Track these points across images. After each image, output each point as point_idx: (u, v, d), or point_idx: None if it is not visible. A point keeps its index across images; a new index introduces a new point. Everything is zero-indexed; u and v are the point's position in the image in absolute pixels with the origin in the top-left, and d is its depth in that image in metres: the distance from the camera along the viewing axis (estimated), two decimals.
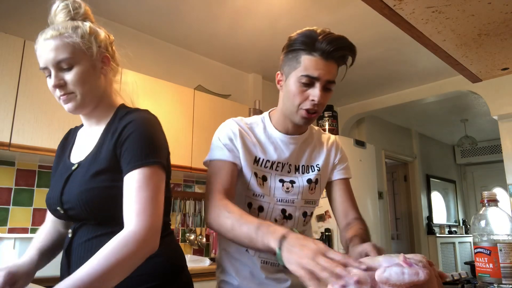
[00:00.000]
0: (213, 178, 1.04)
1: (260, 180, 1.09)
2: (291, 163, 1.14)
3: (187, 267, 1.05)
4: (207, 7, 2.74)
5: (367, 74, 3.90)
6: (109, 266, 0.76)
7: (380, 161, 4.92)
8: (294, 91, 1.03)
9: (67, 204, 0.93)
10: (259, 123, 1.15)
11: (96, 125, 1.01)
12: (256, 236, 0.82)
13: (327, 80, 1.01)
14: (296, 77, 1.02)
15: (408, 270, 0.59)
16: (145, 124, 0.92)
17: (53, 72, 0.93)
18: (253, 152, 1.10)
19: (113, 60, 1.03)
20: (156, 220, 0.84)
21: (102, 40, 0.99)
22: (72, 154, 1.03)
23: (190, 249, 3.13)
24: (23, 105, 2.13)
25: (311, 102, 1.02)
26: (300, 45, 1.02)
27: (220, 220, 0.94)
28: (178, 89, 2.90)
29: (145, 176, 0.86)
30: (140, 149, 0.88)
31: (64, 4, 0.97)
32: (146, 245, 0.81)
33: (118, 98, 1.06)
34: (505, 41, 1.22)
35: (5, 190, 2.33)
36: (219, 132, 1.12)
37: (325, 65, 1.00)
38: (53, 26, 0.94)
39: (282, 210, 1.11)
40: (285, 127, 1.13)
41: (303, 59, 1.01)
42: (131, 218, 0.82)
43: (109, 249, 0.78)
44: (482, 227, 0.90)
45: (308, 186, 1.14)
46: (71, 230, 0.97)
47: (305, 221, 1.16)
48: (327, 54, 0.99)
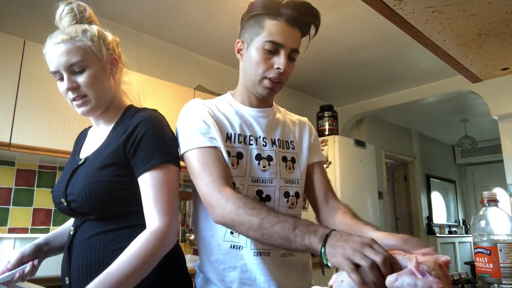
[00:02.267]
0: (203, 168, 0.92)
1: (233, 159, 0.98)
2: (264, 136, 1.04)
3: (187, 267, 1.05)
4: (207, 7, 2.74)
5: (367, 74, 3.90)
6: (137, 263, 0.80)
7: (380, 161, 4.92)
8: (257, 58, 0.96)
9: (71, 196, 0.94)
10: (223, 100, 1.08)
11: (105, 124, 1.04)
12: (294, 236, 0.76)
13: (292, 48, 0.96)
14: (259, 44, 0.96)
15: (421, 283, 0.57)
16: (156, 124, 0.95)
17: (66, 76, 0.94)
18: (224, 128, 1.00)
19: (120, 61, 1.06)
20: (176, 218, 0.89)
21: (110, 42, 1.02)
22: (81, 151, 1.07)
23: (190, 249, 3.13)
24: (23, 105, 2.12)
25: (276, 70, 0.96)
26: (263, 9, 0.96)
27: (241, 218, 0.83)
28: (178, 89, 2.90)
29: (161, 176, 0.90)
30: (154, 150, 0.92)
31: (69, 8, 0.98)
32: (169, 241, 0.86)
33: (125, 98, 1.09)
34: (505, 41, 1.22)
35: (5, 190, 2.33)
36: (186, 117, 1.01)
37: (290, 32, 0.95)
38: (62, 30, 0.95)
39: (258, 192, 1.00)
40: (250, 101, 1.06)
41: (267, 24, 0.95)
42: (154, 216, 0.86)
43: (137, 247, 0.82)
44: (482, 227, 0.90)
45: (284, 164, 1.05)
46: (73, 227, 0.98)
47: (290, 203, 1.04)
48: (292, 19, 0.94)
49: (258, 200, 0.95)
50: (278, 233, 0.78)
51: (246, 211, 0.83)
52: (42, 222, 2.43)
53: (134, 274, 0.79)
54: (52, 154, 2.20)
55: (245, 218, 0.83)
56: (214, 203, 0.89)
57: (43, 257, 1.09)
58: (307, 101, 4.54)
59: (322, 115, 4.08)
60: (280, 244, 0.80)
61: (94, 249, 0.91)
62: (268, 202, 1.00)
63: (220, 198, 0.88)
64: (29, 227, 2.38)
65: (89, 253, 0.91)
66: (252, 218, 0.82)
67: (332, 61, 3.62)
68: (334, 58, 3.55)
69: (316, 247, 0.73)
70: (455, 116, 5.49)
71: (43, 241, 1.09)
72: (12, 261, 1.01)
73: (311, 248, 0.74)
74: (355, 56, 3.50)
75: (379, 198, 4.29)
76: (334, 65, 3.69)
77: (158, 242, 0.83)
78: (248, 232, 0.84)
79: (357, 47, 3.33)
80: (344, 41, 3.23)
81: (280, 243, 0.79)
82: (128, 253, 0.81)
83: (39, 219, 2.41)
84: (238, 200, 0.85)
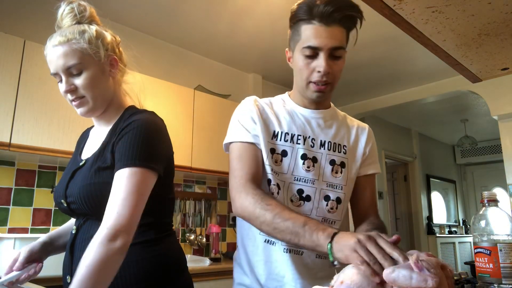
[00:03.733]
0: (237, 162, 0.99)
1: (277, 156, 1.02)
2: (314, 137, 1.05)
3: (188, 268, 1.06)
4: (207, 7, 2.74)
5: (367, 74, 3.90)
6: (89, 274, 0.76)
7: (380, 161, 4.92)
8: (299, 65, 0.98)
9: (70, 197, 0.95)
10: (278, 100, 1.11)
11: (106, 125, 1.04)
12: (304, 231, 0.79)
13: (331, 47, 0.95)
14: (299, 50, 0.97)
15: (417, 276, 0.57)
16: (144, 126, 0.93)
17: (64, 78, 0.95)
18: (271, 127, 1.04)
19: (121, 61, 1.05)
20: (124, 220, 0.82)
21: (109, 43, 1.01)
22: (83, 152, 1.07)
23: (190, 249, 3.13)
24: (23, 105, 2.13)
25: (318, 74, 0.96)
26: (298, 16, 0.96)
27: (256, 211, 0.88)
28: (178, 89, 2.90)
29: (128, 176, 0.86)
30: (131, 150, 0.89)
31: (69, 8, 0.98)
32: (117, 242, 0.80)
33: (127, 98, 1.09)
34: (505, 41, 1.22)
35: (5, 190, 2.33)
36: (237, 111, 1.07)
37: (326, 31, 0.93)
38: (61, 31, 0.95)
39: (299, 190, 1.02)
40: (303, 103, 1.07)
41: (303, 29, 0.95)
42: (106, 215, 0.83)
43: (88, 252, 0.78)
44: (482, 227, 0.90)
45: (331, 168, 1.05)
46: (75, 226, 0.98)
47: (330, 207, 1.04)
48: (326, 17, 0.92)
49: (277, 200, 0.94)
50: (289, 228, 0.81)
51: (262, 206, 0.87)
52: (42, 222, 2.43)
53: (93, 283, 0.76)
54: (52, 154, 2.20)
55: (260, 213, 0.87)
56: (236, 196, 0.94)
57: (47, 256, 1.09)
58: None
59: None
60: (290, 239, 0.82)
61: None
62: (307, 202, 1.02)
63: (241, 191, 0.93)
64: (29, 227, 2.38)
65: None
66: (266, 213, 0.86)
67: None
68: None
69: (323, 243, 0.75)
70: (455, 116, 5.49)
71: (47, 239, 1.09)
72: (20, 259, 1.01)
73: (319, 244, 0.76)
74: (355, 56, 3.50)
75: (379, 198, 4.29)
76: None
77: (103, 255, 0.78)
78: (262, 225, 0.87)
79: (357, 47, 3.32)
80: None
81: (290, 238, 0.82)
82: (76, 276, 0.76)
83: (39, 219, 2.41)
84: (257, 196, 0.90)
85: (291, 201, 1.01)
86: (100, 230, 0.81)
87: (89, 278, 0.75)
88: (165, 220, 1.03)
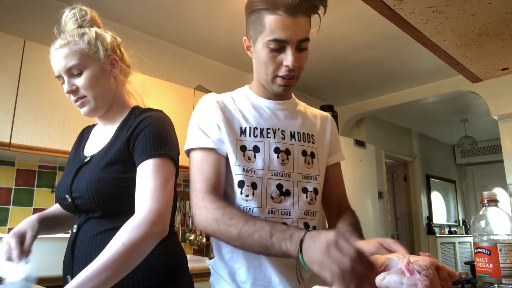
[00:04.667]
0: (197, 173, 0.93)
1: (250, 152, 0.96)
2: (284, 129, 1.01)
3: (188, 268, 1.06)
4: (207, 7, 2.74)
5: (367, 74, 3.90)
6: (126, 249, 0.78)
7: (380, 161, 4.91)
8: (264, 58, 0.92)
9: (76, 192, 0.95)
10: (240, 93, 1.06)
11: (111, 124, 1.06)
12: (272, 243, 0.75)
13: (299, 40, 0.89)
14: (263, 43, 0.90)
15: (407, 281, 0.58)
16: (158, 121, 0.98)
17: (66, 79, 0.99)
18: (237, 123, 0.98)
19: (122, 62, 1.08)
20: (164, 205, 0.87)
21: (109, 43, 1.04)
22: (85, 149, 1.08)
23: (190, 249, 3.13)
24: (23, 105, 2.13)
25: (286, 68, 0.91)
26: (261, 4, 0.88)
27: (220, 228, 0.84)
28: (178, 89, 2.90)
29: (156, 165, 0.90)
30: (153, 142, 0.93)
31: (72, 13, 1.03)
32: (157, 226, 0.84)
33: (131, 98, 1.12)
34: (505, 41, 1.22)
35: (5, 190, 2.33)
36: (196, 113, 1.00)
37: (294, 23, 0.87)
38: (62, 35, 1.00)
39: (278, 185, 0.97)
40: (266, 94, 1.02)
41: (267, 20, 0.88)
42: (142, 203, 0.86)
43: (124, 232, 0.81)
44: (482, 227, 0.90)
45: (304, 159, 1.01)
46: (76, 225, 0.98)
47: (310, 199, 1.00)
48: (292, 8, 0.86)
49: (237, 208, 0.91)
50: (257, 242, 0.78)
51: (225, 221, 0.83)
52: None
53: (114, 274, 0.77)
54: (52, 154, 2.20)
55: (224, 229, 0.83)
56: (196, 212, 0.89)
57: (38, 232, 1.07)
58: (307, 101, 4.50)
59: None
60: (260, 252, 0.79)
61: (98, 247, 0.91)
62: (288, 196, 0.97)
63: (201, 208, 0.88)
64: None
65: (93, 251, 0.91)
66: (230, 228, 0.82)
67: (332, 61, 3.62)
68: (334, 58, 3.55)
69: (293, 254, 0.72)
70: (455, 116, 5.49)
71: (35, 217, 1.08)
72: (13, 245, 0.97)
73: (290, 254, 0.73)
74: (355, 56, 3.50)
75: (379, 198, 4.29)
76: (334, 65, 3.69)
77: (145, 227, 0.81)
78: (230, 241, 0.84)
79: (357, 47, 3.33)
80: (344, 41, 3.23)
81: (260, 251, 0.79)
82: (107, 251, 0.78)
83: None
84: (217, 211, 0.85)
85: (271, 198, 0.95)
86: (139, 213, 0.83)
87: (123, 255, 0.78)
88: None
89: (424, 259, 0.64)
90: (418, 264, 0.61)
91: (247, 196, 0.94)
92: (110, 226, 0.93)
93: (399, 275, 0.59)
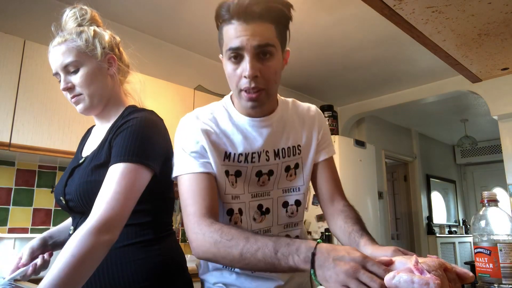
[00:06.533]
0: (189, 198, 0.87)
1: (232, 178, 0.94)
2: (267, 149, 0.97)
3: (188, 268, 1.05)
4: (207, 7, 2.74)
5: (367, 74, 3.90)
6: (73, 263, 0.75)
7: (380, 161, 4.92)
8: (228, 72, 0.88)
9: (68, 195, 0.96)
10: (222, 111, 0.98)
11: (106, 123, 1.05)
12: (278, 260, 0.70)
13: (256, 45, 0.82)
14: (225, 56, 0.87)
15: (418, 280, 0.56)
16: (141, 124, 0.93)
17: (62, 76, 0.98)
18: (222, 148, 0.93)
19: (121, 61, 1.07)
20: (118, 213, 0.82)
21: (107, 42, 1.03)
22: (83, 150, 1.08)
23: (190, 249, 3.12)
24: (23, 105, 2.12)
25: (245, 79, 0.84)
26: (220, 18, 0.86)
27: (220, 251, 0.78)
28: (178, 89, 2.90)
29: (124, 171, 0.86)
30: (128, 146, 0.89)
31: (72, 12, 1.03)
32: (104, 235, 0.79)
33: (128, 98, 1.10)
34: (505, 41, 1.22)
35: (5, 190, 2.33)
36: (180, 139, 0.94)
37: (246, 29, 0.82)
38: (60, 33, 1.00)
39: (259, 206, 0.97)
40: (247, 111, 0.95)
41: (224, 31, 0.85)
42: (95, 209, 0.82)
43: (72, 242, 0.77)
44: (482, 227, 0.90)
45: (286, 174, 0.99)
46: (72, 226, 0.98)
47: (290, 212, 1.00)
48: (243, 15, 0.81)
49: (236, 226, 0.88)
50: (262, 261, 0.73)
51: (224, 243, 0.77)
52: (42, 222, 2.43)
53: (70, 276, 0.74)
54: (52, 154, 2.20)
55: (225, 251, 0.77)
56: (192, 238, 0.84)
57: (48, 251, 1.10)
58: (307, 101, 4.48)
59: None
60: (267, 269, 0.74)
61: None
62: (267, 215, 0.98)
63: (197, 233, 0.83)
64: (29, 227, 2.38)
65: None
66: (232, 250, 0.76)
67: (332, 61, 3.62)
68: (334, 58, 3.55)
69: (303, 268, 0.68)
70: (455, 116, 5.49)
71: (47, 235, 1.10)
72: (24, 256, 1.02)
73: (298, 269, 0.69)
74: (355, 56, 3.50)
75: (379, 198, 4.29)
76: (334, 65, 3.69)
77: (88, 246, 0.77)
78: (233, 263, 0.78)
79: (357, 47, 3.33)
80: (344, 41, 3.23)
81: (267, 269, 0.74)
82: (57, 266, 0.75)
83: (39, 219, 2.41)
84: (215, 233, 0.79)
85: (253, 219, 0.96)
86: (89, 221, 0.80)
87: (73, 267, 0.74)
88: (165, 220, 1.03)
89: (433, 260, 0.63)
90: (426, 264, 0.60)
91: (236, 223, 0.95)
92: None
93: (409, 274, 0.58)
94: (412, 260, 0.61)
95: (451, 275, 0.64)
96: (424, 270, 0.59)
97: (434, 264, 0.62)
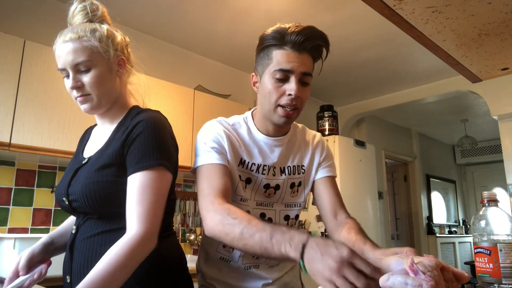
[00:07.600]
0: (205, 182, 0.97)
1: (243, 183, 1.05)
2: (276, 166, 1.09)
3: (188, 268, 1.06)
4: (207, 7, 2.74)
5: (367, 74, 3.90)
6: (113, 270, 0.79)
7: (380, 161, 4.92)
8: (269, 88, 0.99)
9: (72, 195, 0.95)
10: (242, 124, 1.10)
11: (109, 124, 1.04)
12: (271, 245, 0.74)
13: (302, 73, 0.98)
14: (269, 74, 0.99)
15: (412, 281, 0.57)
16: (154, 125, 0.94)
17: (71, 74, 0.95)
18: (239, 153, 1.05)
19: (128, 62, 1.06)
20: (155, 224, 0.87)
21: (119, 43, 1.02)
22: (85, 150, 1.07)
23: (190, 249, 3.13)
24: (23, 105, 2.13)
25: (288, 97, 0.97)
26: (270, 41, 0.99)
27: (225, 228, 0.85)
28: (178, 89, 2.90)
29: (149, 179, 0.88)
30: (147, 151, 0.90)
31: (82, 5, 0.99)
32: (144, 247, 0.84)
33: (131, 99, 1.09)
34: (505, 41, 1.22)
35: (5, 190, 2.33)
36: (203, 135, 1.05)
37: (298, 57, 0.97)
38: (72, 28, 0.96)
39: (261, 214, 1.07)
40: (266, 129, 1.08)
41: (274, 54, 0.98)
42: (133, 221, 0.85)
43: (113, 253, 0.81)
44: (482, 227, 0.90)
45: (291, 191, 1.11)
46: (75, 226, 0.98)
47: (289, 225, 1.13)
48: (298, 45, 0.96)
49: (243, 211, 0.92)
50: (258, 244, 0.77)
51: (229, 221, 0.84)
52: (42, 222, 2.43)
53: (109, 280, 0.78)
54: (52, 154, 2.20)
55: (229, 228, 0.84)
56: (205, 215, 0.92)
57: (50, 256, 1.09)
58: (307, 101, 4.54)
59: (322, 115, 4.08)
60: (261, 254, 0.78)
61: (96, 248, 0.91)
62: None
63: (209, 210, 0.91)
64: (29, 227, 2.38)
65: (91, 252, 0.91)
66: (234, 228, 0.82)
67: (332, 61, 3.62)
68: (334, 58, 3.55)
69: (293, 257, 0.70)
70: (455, 116, 5.49)
71: (49, 239, 1.09)
72: (21, 261, 1.02)
73: (289, 257, 0.71)
74: (355, 56, 3.50)
75: (379, 198, 4.29)
76: (334, 65, 3.69)
77: (132, 253, 0.81)
78: (233, 242, 0.84)
79: (357, 47, 3.33)
80: (344, 41, 3.23)
81: (261, 253, 0.78)
82: (99, 265, 0.80)
83: (39, 219, 2.41)
84: (224, 210, 0.87)
85: None
86: (134, 232, 0.84)
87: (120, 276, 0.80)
88: (166, 221, 1.03)
89: (429, 259, 0.63)
90: (422, 265, 0.60)
91: None
92: (108, 228, 0.92)
93: (404, 276, 0.58)
94: (408, 260, 0.61)
95: (448, 275, 0.64)
96: (419, 271, 0.59)
97: (430, 264, 0.62)
